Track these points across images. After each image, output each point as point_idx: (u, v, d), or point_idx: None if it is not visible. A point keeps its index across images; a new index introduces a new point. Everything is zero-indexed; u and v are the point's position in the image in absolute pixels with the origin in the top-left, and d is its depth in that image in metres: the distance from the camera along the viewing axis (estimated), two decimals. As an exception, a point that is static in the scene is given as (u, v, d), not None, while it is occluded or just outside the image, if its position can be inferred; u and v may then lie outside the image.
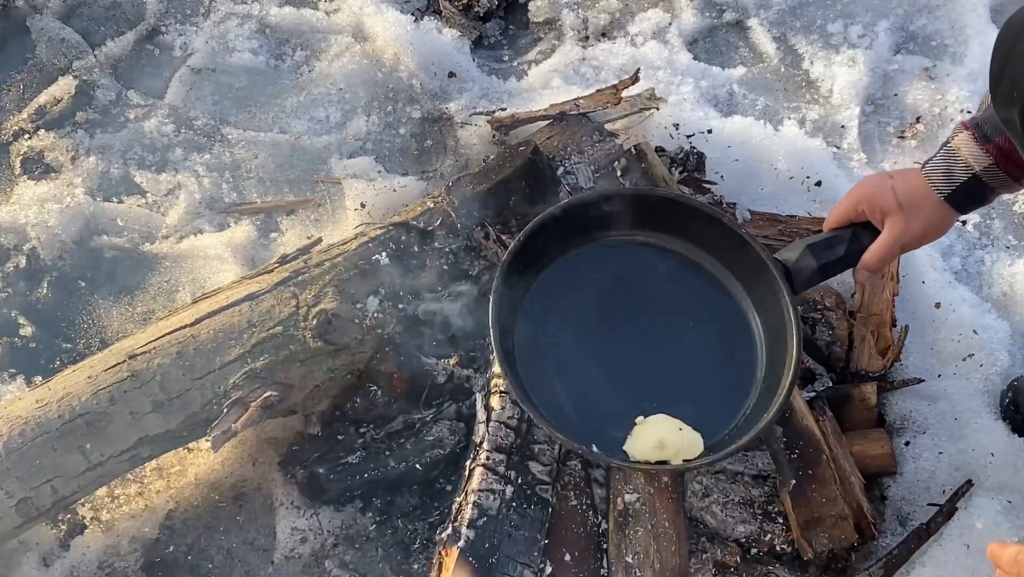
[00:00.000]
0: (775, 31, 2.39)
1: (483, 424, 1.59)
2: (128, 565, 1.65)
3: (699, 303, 1.67)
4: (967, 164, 1.38)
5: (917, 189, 1.42)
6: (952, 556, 1.61)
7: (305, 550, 1.66)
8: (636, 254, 1.70)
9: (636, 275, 1.68)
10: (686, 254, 1.69)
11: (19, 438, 1.50)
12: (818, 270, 1.53)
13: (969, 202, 1.42)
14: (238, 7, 2.33)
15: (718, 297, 1.67)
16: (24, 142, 2.14)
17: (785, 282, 1.55)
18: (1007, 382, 1.83)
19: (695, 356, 1.62)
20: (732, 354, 1.64)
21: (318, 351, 1.60)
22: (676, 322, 1.65)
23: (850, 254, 1.51)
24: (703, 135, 2.09)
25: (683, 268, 1.68)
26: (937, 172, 1.41)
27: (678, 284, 1.68)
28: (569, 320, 1.63)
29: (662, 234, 1.69)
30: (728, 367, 1.63)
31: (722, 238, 1.65)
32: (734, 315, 1.66)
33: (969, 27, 2.33)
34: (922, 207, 1.42)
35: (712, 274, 1.68)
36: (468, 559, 1.47)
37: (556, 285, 1.65)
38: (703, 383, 1.61)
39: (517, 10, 2.45)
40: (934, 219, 1.43)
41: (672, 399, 1.57)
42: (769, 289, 1.59)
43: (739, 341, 1.65)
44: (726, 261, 1.67)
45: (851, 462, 1.68)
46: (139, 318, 1.94)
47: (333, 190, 2.07)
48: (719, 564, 1.61)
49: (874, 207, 1.45)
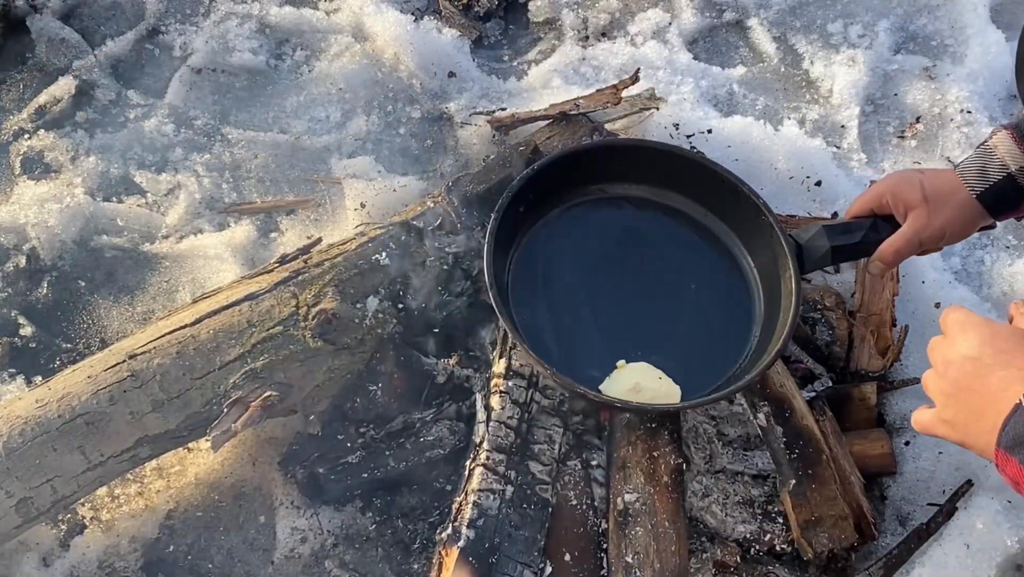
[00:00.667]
0: (775, 31, 2.39)
1: (483, 424, 1.59)
2: (128, 565, 1.65)
3: (701, 264, 1.69)
4: (1003, 163, 1.36)
5: (946, 184, 1.41)
6: (952, 556, 1.61)
7: (305, 550, 1.66)
8: (645, 208, 1.72)
9: (644, 229, 1.71)
10: (693, 215, 1.71)
11: (19, 438, 1.50)
12: (830, 251, 1.52)
13: (1000, 204, 1.40)
14: (238, 7, 2.33)
15: (721, 259, 1.69)
16: (24, 142, 2.14)
17: (795, 258, 1.55)
18: (1007, 382, 1.82)
19: (690, 315, 1.64)
20: (727, 318, 1.65)
21: (318, 351, 1.60)
22: (676, 279, 1.66)
23: (866, 243, 1.50)
24: (703, 135, 2.09)
25: (690, 227, 1.71)
26: (971, 170, 1.40)
27: (683, 242, 1.70)
28: (567, 265, 1.65)
29: (671, 192, 1.71)
30: (721, 330, 1.65)
31: (734, 204, 1.65)
32: (735, 279, 1.67)
33: (969, 27, 2.33)
34: (948, 203, 1.40)
35: (719, 237, 1.70)
36: (468, 559, 1.47)
37: (558, 230, 1.69)
38: (693, 342, 1.63)
39: (517, 10, 2.45)
40: (958, 217, 1.41)
41: (658, 351, 1.60)
42: (776, 260, 1.59)
43: (736, 307, 1.66)
44: (735, 226, 1.68)
45: (851, 462, 1.69)
46: (139, 318, 1.94)
47: (333, 190, 2.07)
48: (719, 564, 1.61)
49: (898, 199, 1.44)
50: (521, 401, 1.60)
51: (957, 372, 1.01)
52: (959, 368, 1.00)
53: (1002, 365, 0.97)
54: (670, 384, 1.56)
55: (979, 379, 0.98)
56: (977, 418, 0.98)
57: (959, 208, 1.40)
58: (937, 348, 1.04)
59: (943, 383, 1.03)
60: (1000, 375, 0.96)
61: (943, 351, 1.03)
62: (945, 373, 1.02)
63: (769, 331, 1.61)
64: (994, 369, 0.97)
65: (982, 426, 0.97)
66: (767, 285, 1.65)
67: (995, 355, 0.98)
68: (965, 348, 1.00)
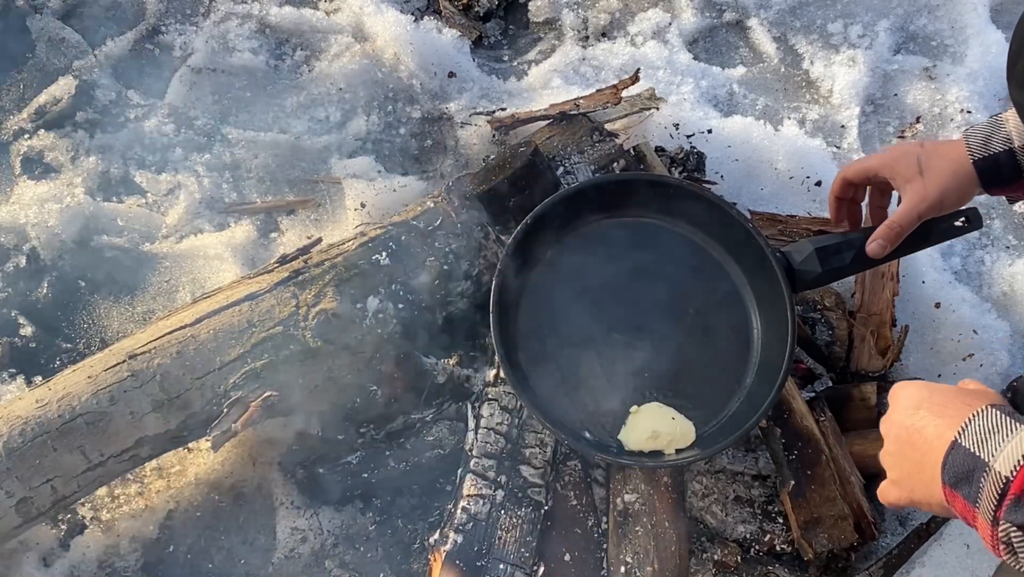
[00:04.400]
0: (775, 31, 2.39)
1: (472, 432, 1.60)
2: (128, 565, 1.65)
3: (701, 290, 1.68)
4: (1008, 136, 1.37)
5: (941, 156, 1.41)
6: (952, 556, 1.61)
7: (305, 550, 1.66)
8: (644, 235, 1.71)
9: (642, 258, 1.69)
10: (693, 239, 1.70)
11: (19, 438, 1.50)
12: (822, 274, 1.54)
13: (995, 176, 1.40)
14: (238, 7, 2.33)
15: (720, 286, 1.68)
16: (24, 142, 2.14)
17: (787, 280, 1.56)
18: (1007, 382, 1.83)
19: (691, 344, 1.64)
20: (728, 345, 1.65)
21: (318, 351, 1.60)
22: (677, 308, 1.66)
23: (857, 261, 1.51)
24: (703, 135, 2.09)
25: (688, 254, 1.70)
26: (976, 136, 1.40)
27: (682, 270, 1.69)
28: (568, 307, 1.64)
29: (670, 218, 1.70)
30: (723, 358, 1.64)
31: (728, 230, 1.66)
32: (734, 306, 1.68)
33: (969, 27, 2.33)
34: (943, 172, 1.40)
35: (718, 262, 1.69)
36: (455, 562, 1.48)
37: (555, 269, 1.67)
38: (698, 372, 1.62)
39: (517, 10, 2.45)
40: (953, 185, 1.41)
41: (666, 387, 1.59)
42: (771, 284, 1.59)
43: (736, 333, 1.66)
44: (732, 252, 1.68)
45: (851, 462, 1.69)
46: (139, 318, 1.94)
47: (333, 190, 2.07)
48: (719, 564, 1.61)
49: (896, 172, 1.44)
50: (511, 408, 1.61)
51: (898, 430, 1.05)
52: (899, 426, 1.05)
53: (936, 416, 1.00)
54: (683, 422, 1.56)
55: (917, 432, 1.02)
56: (919, 469, 1.01)
57: (954, 176, 1.41)
58: (884, 419, 1.09)
59: (889, 446, 1.08)
60: (935, 424, 1.00)
61: (887, 417, 1.08)
62: (888, 434, 1.08)
63: (769, 354, 1.61)
64: (929, 421, 1.01)
65: (924, 476, 1.00)
66: (764, 306, 1.65)
67: (931, 408, 1.02)
68: (904, 408, 1.05)
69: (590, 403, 1.59)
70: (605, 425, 1.58)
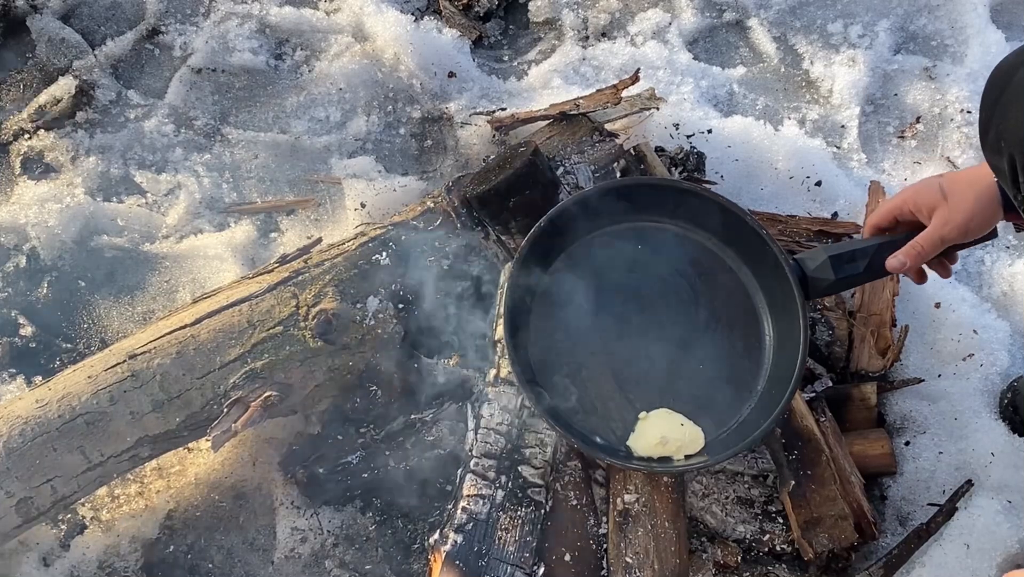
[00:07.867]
0: (775, 31, 2.38)
1: (472, 432, 1.60)
2: (128, 565, 1.65)
3: (713, 296, 1.67)
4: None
5: (963, 180, 1.40)
6: (952, 556, 1.61)
7: (305, 550, 1.66)
8: (655, 241, 1.70)
9: (653, 263, 1.68)
10: (706, 245, 1.70)
11: (19, 438, 1.50)
12: (836, 282, 1.53)
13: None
14: (238, 7, 2.33)
15: (733, 292, 1.68)
16: (24, 142, 2.14)
17: (800, 287, 1.56)
18: (1007, 382, 1.83)
19: (702, 350, 1.63)
20: (739, 351, 1.65)
21: (318, 351, 1.60)
22: (689, 313, 1.65)
23: (870, 269, 1.51)
24: (703, 135, 2.09)
25: (702, 259, 1.69)
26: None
27: (695, 274, 1.68)
28: (577, 310, 1.64)
29: (682, 223, 1.70)
30: (734, 364, 1.64)
31: (742, 235, 1.65)
32: (747, 312, 1.67)
33: (969, 27, 2.33)
34: (966, 196, 1.39)
35: (730, 268, 1.69)
36: (455, 562, 1.48)
37: (572, 268, 1.66)
38: (708, 378, 1.62)
39: (517, 10, 2.45)
40: (978, 209, 1.39)
41: (676, 392, 1.59)
42: (783, 291, 1.59)
43: (748, 339, 1.65)
44: (745, 258, 1.68)
45: (851, 462, 1.69)
46: (139, 318, 1.94)
47: (333, 190, 2.07)
48: (719, 564, 1.61)
49: (920, 204, 1.44)
50: (512, 408, 1.60)
51: None
52: None
53: None
54: (692, 428, 1.56)
55: None
56: None
57: (977, 200, 1.39)
58: None
59: None
60: None
61: None
62: None
63: (781, 361, 1.60)
64: None
65: None
66: (776, 312, 1.64)
67: None
68: None
69: (600, 408, 1.59)
70: (615, 430, 1.57)
